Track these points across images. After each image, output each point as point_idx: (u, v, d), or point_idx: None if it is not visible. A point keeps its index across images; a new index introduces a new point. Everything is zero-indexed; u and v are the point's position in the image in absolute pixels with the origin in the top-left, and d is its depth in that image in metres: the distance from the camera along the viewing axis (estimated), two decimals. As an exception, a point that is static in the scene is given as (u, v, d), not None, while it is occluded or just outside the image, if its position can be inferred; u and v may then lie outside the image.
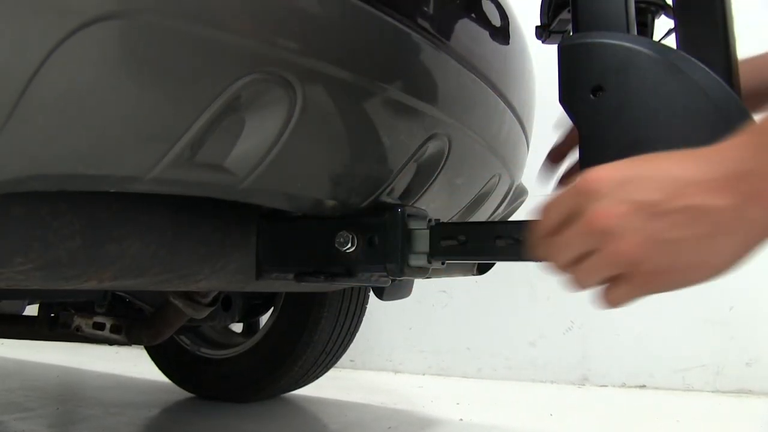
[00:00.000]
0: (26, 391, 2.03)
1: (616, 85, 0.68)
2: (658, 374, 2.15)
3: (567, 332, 2.30)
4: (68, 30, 0.45)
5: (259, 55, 0.58)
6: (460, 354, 2.43)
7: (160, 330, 1.45)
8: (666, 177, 0.48)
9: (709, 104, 0.65)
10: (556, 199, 0.53)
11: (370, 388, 2.17)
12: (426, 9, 0.78)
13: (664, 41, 0.82)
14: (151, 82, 0.52)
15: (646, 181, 0.49)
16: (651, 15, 0.88)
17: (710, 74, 0.66)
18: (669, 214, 0.47)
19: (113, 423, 1.59)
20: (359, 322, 1.81)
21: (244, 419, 1.66)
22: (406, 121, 0.79)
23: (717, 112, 0.64)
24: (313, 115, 0.66)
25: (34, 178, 0.52)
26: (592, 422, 1.73)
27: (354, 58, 0.68)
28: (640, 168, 0.50)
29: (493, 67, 0.96)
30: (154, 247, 0.76)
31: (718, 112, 0.64)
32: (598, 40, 0.69)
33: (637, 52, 0.68)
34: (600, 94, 0.68)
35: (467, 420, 1.65)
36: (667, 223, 0.47)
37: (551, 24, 0.98)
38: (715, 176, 0.47)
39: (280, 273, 0.86)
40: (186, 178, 0.61)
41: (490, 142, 1.01)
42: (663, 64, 0.67)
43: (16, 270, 0.66)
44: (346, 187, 0.79)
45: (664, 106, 0.66)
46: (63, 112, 0.49)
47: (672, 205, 0.47)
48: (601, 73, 0.68)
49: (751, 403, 1.95)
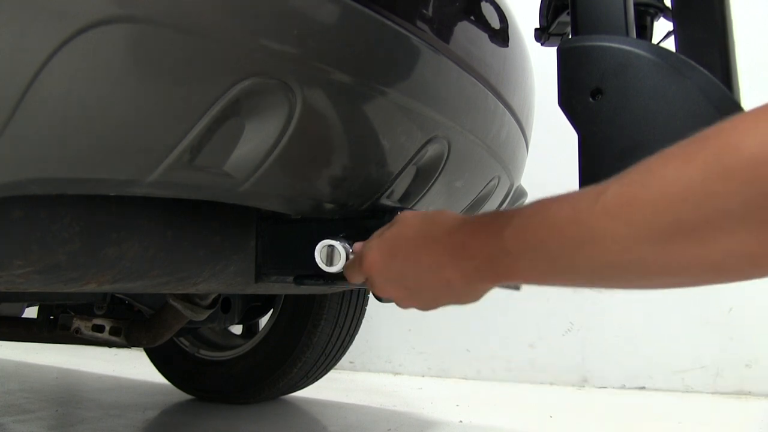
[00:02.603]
0: (25, 393, 2.03)
1: (615, 88, 0.68)
2: (657, 376, 2.15)
3: (566, 334, 2.30)
4: (68, 34, 0.45)
5: (259, 58, 0.58)
6: (460, 356, 2.43)
7: (159, 332, 1.45)
8: (407, 236, 0.64)
9: (708, 107, 0.65)
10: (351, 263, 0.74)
11: (369, 390, 2.17)
12: (425, 12, 0.78)
13: (663, 44, 0.82)
14: (151, 86, 0.52)
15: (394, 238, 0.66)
16: (650, 18, 0.88)
17: (709, 77, 0.66)
18: (406, 262, 0.63)
19: (112, 425, 1.59)
20: (359, 324, 1.81)
21: (243, 421, 1.66)
22: (406, 124, 0.79)
23: (716, 115, 0.64)
24: (313, 118, 0.66)
25: (33, 182, 0.52)
26: (591, 424, 1.73)
27: (353, 61, 0.68)
28: (396, 229, 0.67)
29: (493, 70, 0.96)
30: (153, 250, 0.76)
31: (717, 115, 0.64)
32: (598, 43, 0.69)
33: (637, 55, 0.68)
34: (599, 97, 0.68)
35: (467, 422, 1.65)
36: (396, 265, 0.64)
37: (550, 26, 0.98)
38: (436, 242, 0.61)
39: (280, 276, 0.85)
40: (185, 181, 0.61)
41: (489, 144, 1.01)
42: (662, 67, 0.67)
43: (16, 273, 0.66)
44: (346, 190, 0.79)
45: (663, 109, 0.66)
46: (62, 116, 0.49)
47: (401, 251, 0.64)
48: (600, 76, 0.68)
49: (750, 405, 1.95)
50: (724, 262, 0.42)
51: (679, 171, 0.40)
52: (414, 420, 1.68)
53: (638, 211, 0.42)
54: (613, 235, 0.44)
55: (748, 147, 0.37)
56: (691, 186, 0.40)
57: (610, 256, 0.45)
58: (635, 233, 0.43)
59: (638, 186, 0.43)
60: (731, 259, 0.41)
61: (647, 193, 0.42)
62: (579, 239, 0.47)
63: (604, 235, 0.45)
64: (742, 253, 0.40)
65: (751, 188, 0.37)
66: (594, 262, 0.47)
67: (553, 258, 0.50)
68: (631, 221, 0.43)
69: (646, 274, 0.46)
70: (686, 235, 0.41)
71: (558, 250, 0.49)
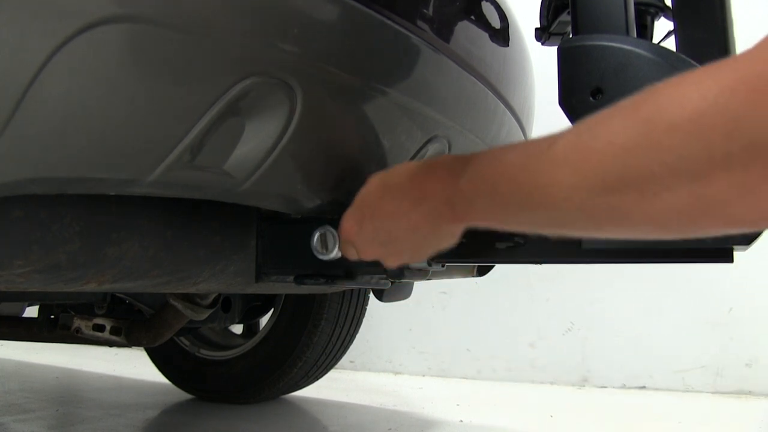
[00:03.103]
0: (26, 393, 2.03)
1: (616, 87, 0.68)
2: (657, 375, 2.15)
3: (566, 333, 2.30)
4: (68, 34, 0.45)
5: (259, 58, 0.58)
6: (460, 355, 2.43)
7: (159, 332, 1.45)
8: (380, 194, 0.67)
9: (709, 107, 0.65)
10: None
11: (370, 390, 2.17)
12: (425, 11, 0.78)
13: (664, 44, 0.82)
14: (151, 85, 0.52)
15: (372, 200, 0.68)
16: (650, 17, 0.88)
17: (710, 77, 0.66)
18: (374, 218, 0.66)
19: (113, 424, 1.59)
20: (359, 324, 1.81)
21: (243, 421, 1.66)
22: (406, 124, 0.79)
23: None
24: (313, 118, 0.66)
25: (33, 182, 0.52)
26: (591, 423, 1.73)
27: (353, 61, 0.68)
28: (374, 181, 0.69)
29: (493, 69, 0.96)
30: (153, 250, 0.76)
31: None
32: (598, 43, 0.69)
33: (637, 55, 0.68)
34: (599, 97, 0.68)
35: (467, 421, 1.65)
36: (367, 224, 0.67)
37: (551, 26, 0.98)
38: (407, 194, 0.62)
39: (280, 275, 0.85)
40: (185, 181, 0.61)
41: (489, 144, 1.01)
42: (662, 67, 0.67)
43: (16, 272, 0.66)
44: (346, 189, 0.79)
45: (663, 109, 0.66)
46: (62, 116, 0.49)
47: (368, 208, 0.67)
48: (601, 76, 0.68)
49: (751, 404, 1.95)
50: (664, 216, 0.42)
51: (626, 123, 0.41)
52: (414, 420, 1.68)
53: (585, 160, 0.43)
54: (560, 183, 0.45)
55: (692, 101, 0.37)
56: (636, 138, 0.40)
57: (558, 202, 0.46)
58: (581, 182, 0.44)
59: (586, 136, 0.44)
60: (671, 214, 0.42)
61: (595, 143, 0.43)
62: (528, 185, 0.48)
63: (552, 182, 0.46)
64: (681, 208, 0.41)
65: (694, 141, 0.37)
66: (542, 208, 0.48)
67: (506, 203, 0.51)
68: (578, 170, 0.44)
69: (591, 223, 0.47)
70: (629, 185, 0.41)
71: (509, 196, 0.51)
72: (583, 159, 0.44)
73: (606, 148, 0.42)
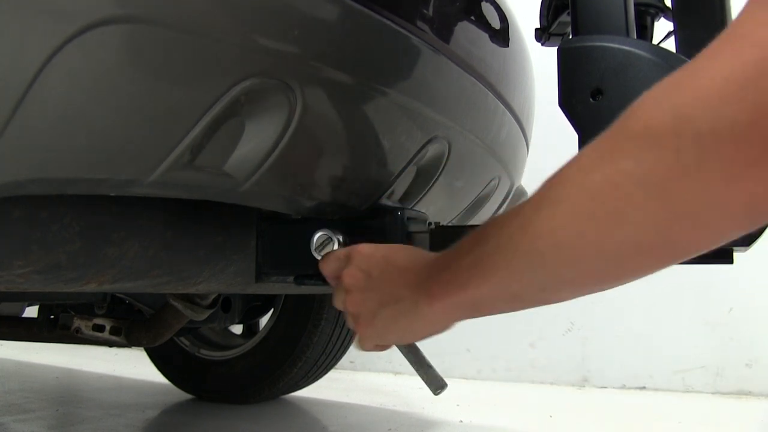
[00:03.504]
0: (26, 393, 2.03)
1: (616, 88, 0.68)
2: (657, 375, 2.15)
3: (567, 334, 2.30)
4: (68, 35, 0.45)
5: (259, 59, 0.58)
6: (460, 355, 2.43)
7: (159, 332, 1.45)
8: (389, 261, 0.64)
9: (709, 107, 0.65)
10: (335, 253, 0.72)
11: (369, 390, 2.17)
12: (425, 12, 0.78)
13: (664, 44, 0.82)
14: (151, 86, 0.52)
15: (377, 258, 0.65)
16: (651, 18, 0.88)
17: (709, 77, 0.66)
18: (376, 289, 0.63)
19: (113, 424, 1.59)
20: (359, 324, 1.80)
21: (243, 421, 1.66)
22: (406, 124, 0.79)
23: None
24: (313, 119, 0.66)
25: (33, 182, 0.52)
26: (591, 424, 1.73)
27: (353, 61, 0.68)
28: (384, 250, 0.67)
29: (493, 70, 0.96)
30: (153, 250, 0.76)
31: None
32: (598, 43, 0.69)
33: (637, 56, 0.68)
34: (599, 97, 0.68)
35: (467, 421, 1.65)
36: (375, 294, 0.63)
37: (551, 26, 0.98)
38: (415, 272, 0.61)
39: (280, 276, 0.85)
40: (185, 181, 0.61)
41: (489, 144, 1.01)
42: (662, 67, 0.67)
43: (16, 273, 0.66)
44: (346, 190, 0.79)
45: (663, 110, 0.66)
46: (63, 116, 0.49)
47: (380, 283, 0.63)
48: (601, 76, 0.68)
49: (751, 405, 1.95)
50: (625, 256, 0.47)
51: (588, 175, 0.45)
52: (414, 420, 1.68)
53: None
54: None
55: (659, 119, 0.40)
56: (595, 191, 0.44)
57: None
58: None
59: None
60: (632, 249, 0.46)
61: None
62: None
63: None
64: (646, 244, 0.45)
65: (653, 158, 0.40)
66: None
67: (521, 269, 0.55)
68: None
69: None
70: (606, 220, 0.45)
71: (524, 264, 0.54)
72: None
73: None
